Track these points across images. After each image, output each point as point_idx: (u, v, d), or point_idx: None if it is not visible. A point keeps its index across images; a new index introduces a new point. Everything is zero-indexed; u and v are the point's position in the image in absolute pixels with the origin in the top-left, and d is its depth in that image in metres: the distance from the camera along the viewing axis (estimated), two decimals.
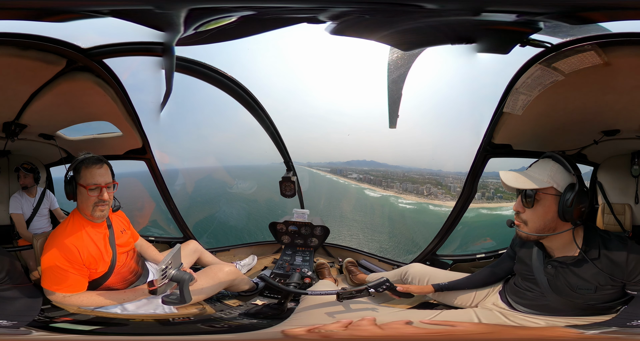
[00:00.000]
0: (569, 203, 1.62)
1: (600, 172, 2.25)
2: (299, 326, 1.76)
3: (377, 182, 3.73)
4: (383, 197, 3.70)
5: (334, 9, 1.76)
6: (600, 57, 1.70)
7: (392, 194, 3.61)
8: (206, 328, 1.88)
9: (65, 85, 2.08)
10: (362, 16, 1.81)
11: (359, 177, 3.77)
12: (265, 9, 1.82)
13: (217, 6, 1.78)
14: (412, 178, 3.44)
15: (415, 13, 1.74)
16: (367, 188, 3.77)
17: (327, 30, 1.89)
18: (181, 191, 2.87)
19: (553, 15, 1.65)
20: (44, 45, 1.87)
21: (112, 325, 1.86)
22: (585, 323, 1.66)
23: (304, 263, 2.56)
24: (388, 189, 3.63)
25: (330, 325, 1.73)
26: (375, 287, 1.87)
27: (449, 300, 2.03)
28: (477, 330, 1.75)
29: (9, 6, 1.62)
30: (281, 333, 1.75)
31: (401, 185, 3.49)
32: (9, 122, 2.18)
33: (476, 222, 2.64)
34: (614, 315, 1.66)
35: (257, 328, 1.85)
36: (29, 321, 1.76)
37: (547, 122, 2.07)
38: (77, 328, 1.80)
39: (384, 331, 1.67)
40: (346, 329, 1.70)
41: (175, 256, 1.82)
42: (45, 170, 2.56)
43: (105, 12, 1.70)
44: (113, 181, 1.97)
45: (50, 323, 1.79)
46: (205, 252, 2.42)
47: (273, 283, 2.07)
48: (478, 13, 1.69)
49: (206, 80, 2.45)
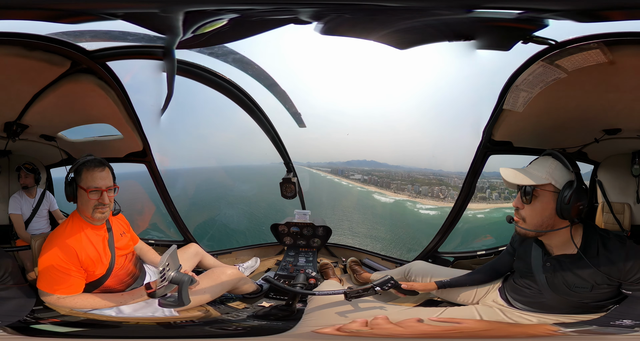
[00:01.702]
0: (566, 200, 1.64)
1: (601, 170, 2.26)
2: (319, 326, 1.77)
3: (384, 183, 3.32)
4: (397, 203, 3.21)
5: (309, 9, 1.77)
6: (605, 56, 1.70)
7: (405, 198, 3.17)
8: (216, 331, 1.87)
9: (67, 87, 2.08)
10: (342, 15, 1.82)
11: (363, 179, 3.40)
12: (247, 12, 1.82)
13: (206, 9, 1.78)
14: (417, 179, 3.13)
15: (416, 10, 1.76)
16: (375, 192, 3.34)
17: (317, 31, 1.90)
18: (181, 194, 2.86)
19: (562, 13, 1.66)
20: (51, 46, 1.87)
21: (104, 327, 1.83)
22: (572, 321, 1.68)
23: (307, 264, 2.54)
24: (399, 192, 3.20)
25: (350, 325, 1.75)
26: (381, 285, 1.88)
27: (451, 297, 2.04)
28: (479, 327, 1.77)
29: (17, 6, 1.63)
30: (313, 333, 1.76)
31: (413, 187, 3.11)
32: (10, 122, 2.18)
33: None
34: (603, 314, 1.67)
35: (271, 330, 1.84)
36: (10, 322, 1.74)
37: (548, 120, 2.08)
38: (60, 330, 1.78)
39: (405, 329, 1.69)
40: (371, 328, 1.72)
41: (172, 257, 1.79)
42: (45, 171, 2.54)
43: (120, 14, 1.70)
44: (114, 184, 1.95)
45: (33, 325, 1.77)
46: (207, 254, 2.41)
47: (279, 284, 2.06)
48: (480, 9, 1.70)
49: (204, 82, 2.46)
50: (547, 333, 1.67)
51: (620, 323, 1.62)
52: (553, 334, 1.66)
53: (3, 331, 1.72)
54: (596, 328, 1.63)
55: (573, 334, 1.65)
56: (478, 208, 2.62)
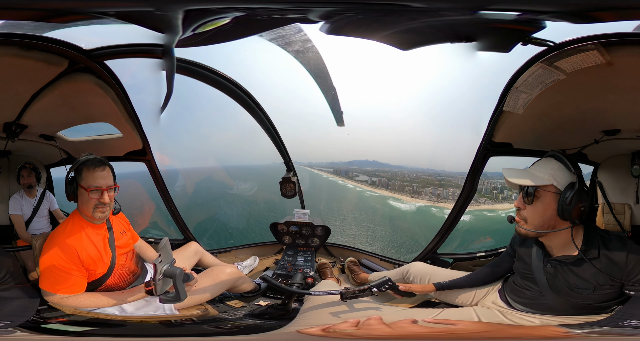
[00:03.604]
0: (568, 201, 1.63)
1: (601, 171, 2.25)
2: (308, 326, 1.76)
3: (396, 186, 2.92)
4: (421, 210, 2.76)
5: (323, 8, 1.76)
6: (603, 57, 1.70)
7: (427, 203, 2.79)
8: (212, 329, 1.88)
9: (66, 86, 2.08)
10: (353, 15, 1.81)
11: (372, 181, 3.07)
12: (254, 10, 1.80)
13: (209, 7, 1.77)
14: (427, 180, 2.86)
15: (417, 12, 1.75)
16: (390, 197, 2.95)
17: (322, 30, 1.89)
18: (181, 192, 2.87)
19: (558, 14, 1.65)
20: (47, 46, 1.86)
21: (110, 326, 1.84)
22: (577, 322, 1.67)
23: (305, 264, 2.55)
24: (416, 196, 2.83)
25: (340, 325, 1.74)
26: (378, 286, 1.88)
27: (450, 299, 2.03)
28: (476, 329, 1.76)
29: (14, 6, 1.62)
30: (296, 332, 1.76)
31: (431, 190, 2.74)
32: (10, 122, 2.18)
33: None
34: (608, 315, 1.66)
35: (264, 329, 1.84)
36: (21, 322, 1.74)
37: (547, 121, 2.07)
38: (72, 329, 1.79)
39: (394, 330, 1.68)
40: (359, 329, 1.71)
41: (164, 250, 1.78)
42: (45, 171, 2.55)
43: (111, 13, 1.69)
44: (114, 184, 1.95)
45: (43, 324, 1.77)
46: (206, 253, 2.42)
47: (276, 284, 2.07)
48: (480, 11, 1.69)
49: (205, 81, 2.45)
50: (555, 335, 1.66)
51: (630, 324, 1.61)
52: (564, 336, 1.64)
53: (14, 331, 1.73)
54: (607, 329, 1.62)
55: (585, 335, 1.63)
56: (503, 208, 2.56)
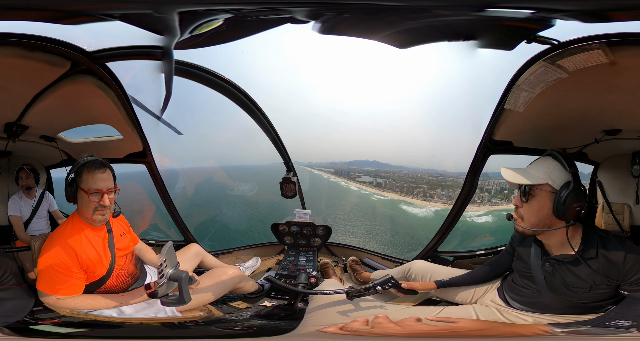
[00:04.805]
0: (562, 201, 1.65)
1: (601, 171, 2.26)
2: (321, 325, 1.78)
3: (404, 189, 2.66)
4: (441, 215, 2.48)
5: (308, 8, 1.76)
6: (607, 56, 1.70)
7: (442, 206, 2.61)
8: (221, 331, 1.87)
9: (68, 88, 2.07)
10: (338, 14, 1.81)
11: (376, 182, 2.85)
12: (242, 12, 1.80)
13: (199, 9, 1.77)
14: (431, 180, 2.71)
15: (422, 9, 1.75)
16: (401, 201, 2.70)
17: (315, 30, 1.88)
18: (181, 194, 2.86)
19: (572, 13, 1.65)
20: (51, 47, 1.85)
21: (106, 328, 1.82)
22: (568, 321, 1.68)
23: (308, 263, 2.55)
24: (429, 199, 2.62)
25: (352, 324, 1.76)
26: (381, 285, 1.88)
27: (450, 297, 2.05)
28: (474, 327, 1.78)
29: (16, 7, 1.62)
30: (317, 331, 1.78)
31: (444, 192, 2.55)
32: (11, 123, 2.16)
33: None
34: (600, 314, 1.67)
35: (274, 329, 1.85)
36: (8, 323, 1.73)
37: (548, 120, 2.08)
38: (63, 331, 1.77)
39: (403, 328, 1.70)
40: (373, 327, 1.73)
41: (169, 254, 1.77)
42: (45, 172, 2.53)
43: (117, 15, 1.69)
44: (115, 186, 1.94)
45: (32, 326, 1.76)
46: (208, 255, 2.41)
47: (281, 284, 2.07)
48: (490, 8, 1.70)
49: (204, 83, 2.45)
50: (537, 333, 1.68)
51: (616, 324, 1.63)
52: (543, 334, 1.67)
53: (1, 333, 1.71)
54: (590, 328, 1.64)
55: (561, 334, 1.65)
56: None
